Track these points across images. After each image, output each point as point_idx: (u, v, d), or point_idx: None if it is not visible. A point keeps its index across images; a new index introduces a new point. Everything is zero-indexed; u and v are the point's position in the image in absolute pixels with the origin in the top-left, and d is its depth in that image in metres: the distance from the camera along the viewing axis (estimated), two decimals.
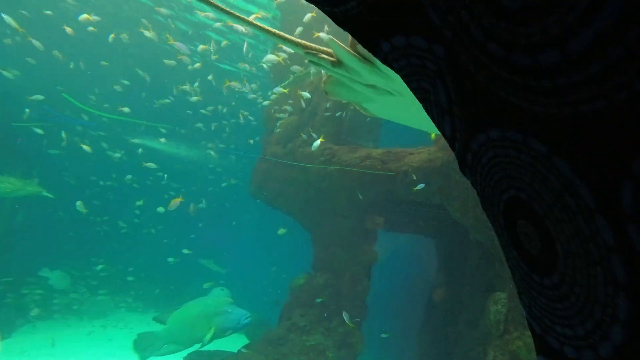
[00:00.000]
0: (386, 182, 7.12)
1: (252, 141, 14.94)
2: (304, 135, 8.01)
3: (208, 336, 6.79)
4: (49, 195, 9.91)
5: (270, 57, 7.37)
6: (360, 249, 8.31)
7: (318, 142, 7.00)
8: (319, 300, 7.94)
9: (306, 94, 7.88)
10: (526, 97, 0.57)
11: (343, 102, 8.40)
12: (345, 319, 7.09)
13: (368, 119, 9.18)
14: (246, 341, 10.20)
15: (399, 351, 10.81)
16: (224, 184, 17.63)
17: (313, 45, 2.21)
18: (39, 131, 9.50)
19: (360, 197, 7.79)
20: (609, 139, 0.48)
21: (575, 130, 0.52)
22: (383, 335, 7.99)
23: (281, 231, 11.00)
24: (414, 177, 6.43)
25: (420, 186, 6.28)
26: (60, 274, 13.05)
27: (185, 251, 12.78)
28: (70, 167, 14.78)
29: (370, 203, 7.91)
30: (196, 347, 7.35)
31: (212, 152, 15.10)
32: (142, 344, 7.39)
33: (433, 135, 6.32)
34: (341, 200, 8.03)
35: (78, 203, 9.46)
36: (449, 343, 7.63)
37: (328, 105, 8.02)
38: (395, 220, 8.99)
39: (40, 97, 10.34)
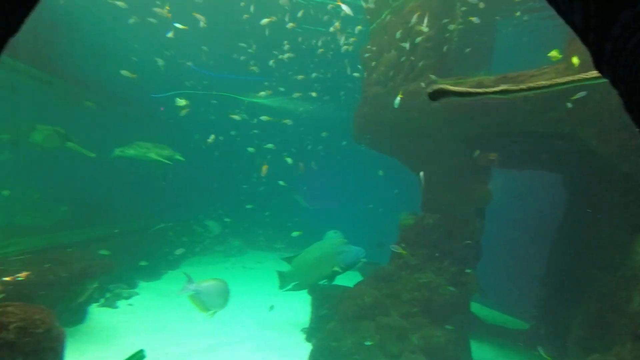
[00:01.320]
0: (501, 112, 6.36)
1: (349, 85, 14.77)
2: (423, 84, 7.41)
3: (332, 274, 7.58)
4: (180, 157, 11.57)
5: None
6: (470, 188, 7.85)
7: (398, 99, 6.94)
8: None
9: (424, 28, 7.23)
10: None
11: (446, 33, 7.55)
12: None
13: (474, 45, 8.14)
14: (360, 278, 10.97)
15: (518, 293, 10.30)
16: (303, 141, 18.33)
17: None
18: (182, 102, 10.47)
19: (477, 152, 7.24)
20: None
21: None
22: (467, 271, 7.70)
23: (380, 172, 11.14)
24: (569, 105, 5.32)
25: (569, 105, 5.28)
26: (214, 223, 16.02)
27: (281, 183, 14.07)
28: (193, 131, 16.79)
29: (481, 138, 7.25)
30: (323, 283, 8.26)
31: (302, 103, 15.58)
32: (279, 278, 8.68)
33: (575, 61, 5.11)
34: (447, 137, 7.54)
35: (211, 137, 10.52)
36: (580, 287, 6.92)
37: (429, 34, 7.30)
38: (512, 155, 8.12)
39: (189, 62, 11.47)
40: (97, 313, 8.26)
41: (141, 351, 4.33)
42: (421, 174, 7.09)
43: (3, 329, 3.54)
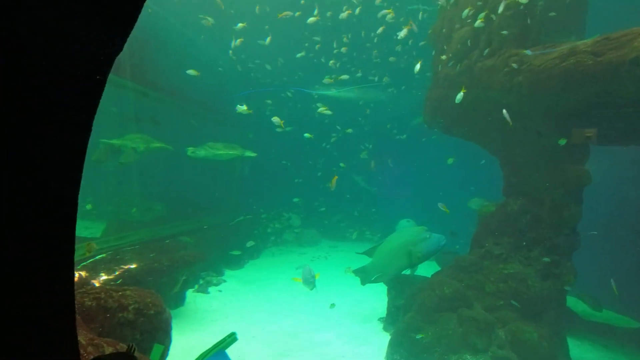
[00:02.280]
0: (601, 81, 5.56)
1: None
2: (515, 65, 6.63)
3: (417, 261, 7.46)
4: (252, 154, 12.23)
5: None
6: (562, 169, 7.05)
7: (461, 94, 6.65)
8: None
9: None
10: None
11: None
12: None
13: (563, 6, 7.20)
14: (437, 268, 10.59)
15: (624, 285, 9.01)
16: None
17: None
18: (244, 107, 11.11)
19: (562, 142, 6.49)
20: None
21: None
22: (545, 260, 6.84)
23: (450, 160, 10.53)
24: None
25: None
26: (295, 215, 16.85)
27: (341, 165, 14.21)
28: (256, 127, 17.42)
29: (575, 112, 6.43)
30: (406, 272, 8.17)
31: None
32: (358, 274, 8.81)
33: None
34: (534, 114, 6.83)
35: (274, 118, 10.76)
36: None
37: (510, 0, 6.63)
38: (615, 129, 7.08)
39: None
40: (193, 298, 9.20)
41: (233, 334, 4.76)
42: (504, 111, 6.38)
43: (124, 309, 4.14)
